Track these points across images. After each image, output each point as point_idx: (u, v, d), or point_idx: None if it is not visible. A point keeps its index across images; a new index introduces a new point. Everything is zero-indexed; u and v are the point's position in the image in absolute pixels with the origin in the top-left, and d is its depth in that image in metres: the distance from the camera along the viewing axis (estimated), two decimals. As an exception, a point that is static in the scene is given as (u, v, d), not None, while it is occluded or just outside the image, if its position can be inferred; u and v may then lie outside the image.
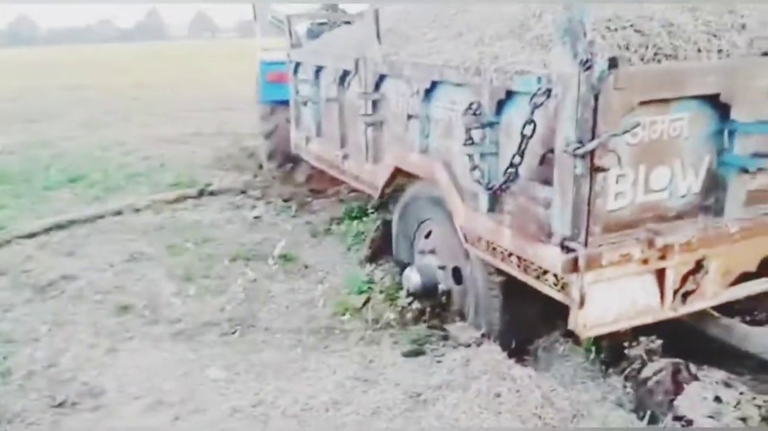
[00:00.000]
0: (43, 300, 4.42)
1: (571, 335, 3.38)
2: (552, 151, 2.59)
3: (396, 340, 3.60)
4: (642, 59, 2.69)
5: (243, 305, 4.25)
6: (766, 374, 3.00)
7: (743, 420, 2.60)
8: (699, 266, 2.74)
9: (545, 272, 2.68)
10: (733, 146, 2.68)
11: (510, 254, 2.92)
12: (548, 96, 2.55)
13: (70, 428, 3.06)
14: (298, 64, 5.61)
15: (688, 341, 3.19)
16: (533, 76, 2.63)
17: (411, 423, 2.80)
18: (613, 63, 2.32)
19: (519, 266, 2.87)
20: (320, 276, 4.61)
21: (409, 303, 3.82)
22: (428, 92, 3.51)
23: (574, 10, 2.37)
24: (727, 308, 3.22)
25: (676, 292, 2.74)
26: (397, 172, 3.98)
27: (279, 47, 8.08)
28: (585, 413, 2.77)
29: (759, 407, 2.67)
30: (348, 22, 7.43)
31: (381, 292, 4.10)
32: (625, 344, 3.17)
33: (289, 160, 7.20)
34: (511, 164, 2.79)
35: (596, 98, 2.35)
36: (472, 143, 3.04)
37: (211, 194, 6.96)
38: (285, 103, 7.02)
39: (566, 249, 2.51)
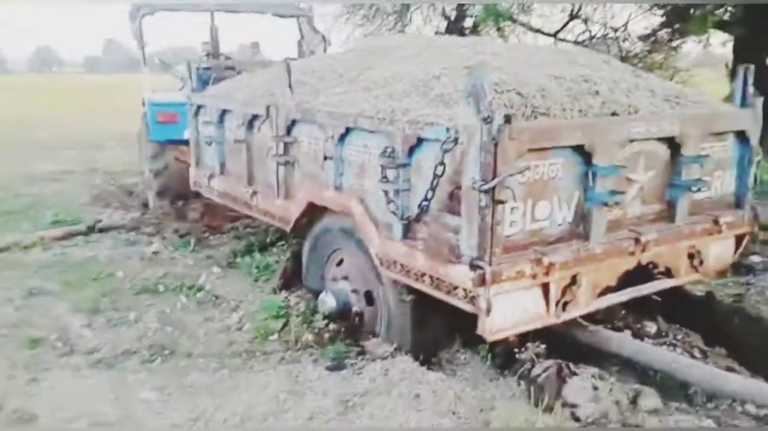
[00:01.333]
0: (-54, 336, 4.31)
1: (468, 345, 3.98)
2: (459, 187, 3.17)
3: (316, 358, 3.96)
4: (523, 116, 3.36)
5: (159, 333, 4.41)
6: (628, 368, 3.74)
7: (617, 402, 3.28)
8: (574, 280, 3.43)
9: (455, 287, 3.22)
10: (595, 185, 3.39)
11: (423, 275, 3.43)
12: (456, 143, 3.14)
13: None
14: (199, 107, 5.88)
15: (564, 346, 3.87)
16: (443, 127, 3.20)
17: (348, 424, 3.19)
18: (507, 119, 2.96)
19: (431, 284, 3.39)
20: (233, 305, 4.85)
21: (326, 325, 4.20)
22: (342, 137, 3.99)
23: (476, 76, 2.99)
24: (592, 318, 3.96)
25: (557, 302, 3.39)
26: (311, 207, 4.40)
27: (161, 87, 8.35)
28: (492, 407, 3.31)
29: (627, 393, 3.39)
30: (231, 68, 7.84)
31: (297, 316, 4.42)
32: (516, 350, 3.81)
33: (180, 197, 7.36)
34: (425, 199, 3.34)
35: (495, 146, 2.95)
36: (388, 181, 3.57)
37: (101, 230, 6.92)
38: (175, 142, 7.27)
39: (474, 267, 3.08)
